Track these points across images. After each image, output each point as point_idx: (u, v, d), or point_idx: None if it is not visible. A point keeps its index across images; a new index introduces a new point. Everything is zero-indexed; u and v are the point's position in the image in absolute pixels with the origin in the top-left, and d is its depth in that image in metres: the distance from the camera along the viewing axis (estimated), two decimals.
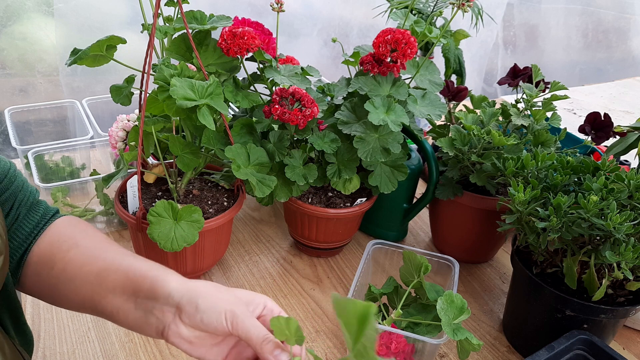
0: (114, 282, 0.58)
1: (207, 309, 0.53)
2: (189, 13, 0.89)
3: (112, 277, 0.58)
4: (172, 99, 0.75)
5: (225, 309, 0.53)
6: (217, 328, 0.53)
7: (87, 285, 0.59)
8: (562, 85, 0.92)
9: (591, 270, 0.73)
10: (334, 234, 0.99)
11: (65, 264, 0.61)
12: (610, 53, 2.62)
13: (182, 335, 0.54)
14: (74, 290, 0.60)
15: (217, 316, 0.53)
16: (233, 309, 0.53)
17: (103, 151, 1.25)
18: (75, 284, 0.60)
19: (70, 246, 0.63)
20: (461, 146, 0.92)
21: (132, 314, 0.57)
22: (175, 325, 0.54)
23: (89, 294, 0.59)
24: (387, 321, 0.79)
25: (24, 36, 1.39)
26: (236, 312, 0.53)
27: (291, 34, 1.76)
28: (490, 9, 1.92)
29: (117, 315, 0.58)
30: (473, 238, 1.02)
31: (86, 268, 0.60)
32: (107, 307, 0.58)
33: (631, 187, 0.72)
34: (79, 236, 0.65)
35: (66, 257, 0.62)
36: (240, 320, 0.52)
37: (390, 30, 0.88)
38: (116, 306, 0.57)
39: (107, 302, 0.58)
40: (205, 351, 0.56)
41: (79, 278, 0.60)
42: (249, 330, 0.52)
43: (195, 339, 0.55)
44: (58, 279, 0.61)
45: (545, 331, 0.80)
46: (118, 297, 0.57)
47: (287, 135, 0.92)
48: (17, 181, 0.64)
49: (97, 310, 0.60)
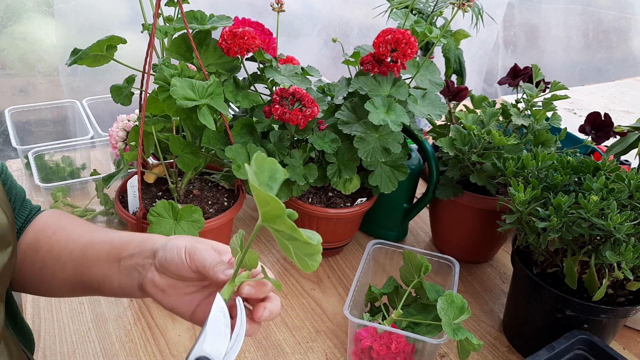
0: (98, 252, 0.59)
1: (171, 246, 0.54)
2: (189, 13, 0.89)
3: (97, 248, 0.59)
4: (172, 99, 0.75)
5: (185, 243, 0.54)
6: (177, 264, 0.53)
7: (72, 261, 0.60)
8: (562, 85, 0.92)
9: (591, 270, 0.73)
10: (334, 234, 0.99)
11: (51, 246, 0.62)
12: (610, 53, 2.61)
13: (155, 283, 0.55)
14: (60, 269, 0.61)
15: (178, 251, 0.53)
16: (194, 244, 0.54)
17: (103, 151, 1.25)
18: (61, 263, 0.61)
19: (56, 230, 0.64)
20: (461, 146, 0.92)
21: (117, 277, 0.58)
22: (151, 273, 0.55)
23: (75, 269, 0.60)
24: (387, 321, 0.79)
25: (24, 36, 1.39)
26: (195, 246, 0.53)
27: (291, 34, 1.76)
28: (491, 9, 1.92)
29: (102, 284, 0.59)
30: (473, 238, 1.02)
31: (71, 245, 0.61)
32: (93, 277, 0.59)
33: (631, 187, 0.72)
34: (65, 222, 0.66)
35: (51, 239, 0.63)
36: (198, 251, 0.53)
37: (390, 30, 0.88)
38: (101, 273, 0.58)
39: (92, 272, 0.59)
40: (176, 300, 0.56)
41: (65, 255, 0.61)
42: (205, 259, 0.52)
43: (167, 287, 0.55)
44: (44, 262, 0.62)
45: (545, 331, 0.80)
46: (102, 264, 0.58)
47: (287, 135, 0.92)
48: (10, 179, 0.66)
49: (83, 284, 0.60)
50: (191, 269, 0.53)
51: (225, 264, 0.53)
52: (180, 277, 0.55)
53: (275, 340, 0.86)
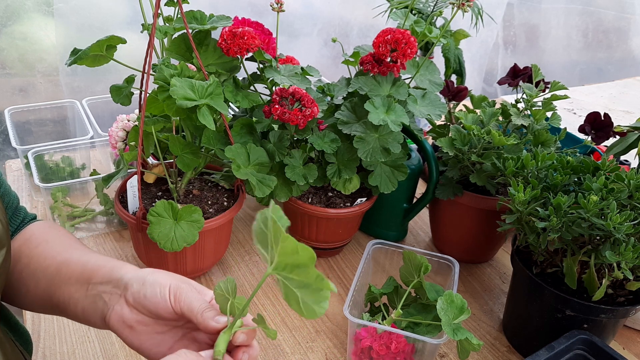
0: (70, 274, 0.58)
1: (152, 282, 0.52)
2: (189, 13, 0.89)
3: (71, 269, 0.58)
4: (172, 99, 0.75)
5: (170, 282, 0.52)
6: (159, 303, 0.51)
7: (46, 278, 0.59)
8: (562, 85, 0.92)
9: (591, 270, 0.73)
10: (334, 234, 0.99)
11: (30, 259, 0.61)
12: (610, 53, 2.61)
13: (123, 318, 0.52)
14: (34, 285, 0.60)
15: (161, 289, 0.51)
16: (178, 284, 0.52)
17: (103, 151, 1.25)
18: (35, 279, 0.60)
19: (39, 243, 0.63)
20: (461, 146, 0.92)
21: (82, 302, 0.56)
22: (119, 306, 0.53)
23: (47, 286, 0.59)
24: (387, 321, 0.79)
25: (24, 36, 1.39)
26: (181, 286, 0.51)
27: (291, 34, 1.76)
28: (490, 8, 1.92)
29: (68, 305, 0.57)
30: (473, 238, 1.02)
31: (47, 262, 0.60)
32: (61, 297, 0.58)
33: (631, 187, 0.72)
34: (50, 235, 0.65)
35: (32, 252, 0.62)
36: (184, 292, 0.51)
37: (390, 30, 0.88)
38: (68, 295, 0.57)
39: (60, 292, 0.58)
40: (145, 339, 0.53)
41: (40, 271, 0.60)
42: (192, 302, 0.50)
43: (136, 324, 0.53)
44: (20, 274, 0.61)
45: (545, 331, 0.80)
46: (72, 286, 0.57)
47: (287, 135, 0.92)
48: (4, 185, 0.65)
49: (52, 303, 0.59)
50: (174, 310, 0.51)
51: (214, 310, 0.50)
52: (155, 315, 0.52)
53: (275, 340, 0.85)
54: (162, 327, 0.54)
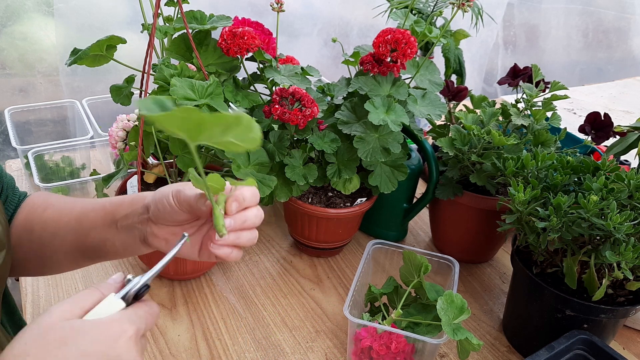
0: (93, 219, 0.60)
1: (160, 197, 0.55)
2: (189, 13, 0.89)
3: (91, 216, 0.61)
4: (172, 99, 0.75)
5: (172, 189, 0.55)
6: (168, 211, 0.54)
7: (70, 233, 0.61)
8: (562, 85, 0.92)
9: (591, 270, 0.73)
10: (334, 234, 0.99)
11: (44, 223, 0.63)
12: (610, 53, 2.62)
13: (156, 235, 0.57)
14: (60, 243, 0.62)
15: (167, 198, 0.54)
16: (178, 187, 0.55)
17: (103, 151, 1.25)
18: (58, 238, 0.62)
19: (45, 207, 0.65)
20: (461, 146, 0.92)
21: (118, 238, 0.59)
22: (149, 227, 0.57)
23: (73, 240, 0.61)
24: (387, 321, 0.79)
25: (24, 36, 1.39)
26: (179, 188, 0.54)
27: (291, 34, 1.76)
28: (490, 9, 1.92)
29: (105, 247, 0.60)
30: (473, 238, 1.02)
31: (65, 218, 0.62)
32: (94, 243, 0.60)
33: (631, 187, 0.72)
34: (52, 199, 0.67)
35: (43, 217, 0.64)
36: (182, 192, 0.54)
37: (390, 30, 0.88)
38: (101, 238, 0.60)
39: (92, 239, 0.60)
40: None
41: (61, 229, 0.62)
42: (189, 197, 0.53)
43: (169, 235, 0.57)
44: (41, 240, 0.63)
45: (545, 331, 0.80)
46: (100, 229, 0.60)
47: (287, 135, 0.92)
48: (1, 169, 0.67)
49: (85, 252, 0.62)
50: (181, 210, 0.54)
51: (205, 196, 0.53)
52: (176, 222, 0.56)
53: (275, 340, 0.86)
54: (189, 230, 0.57)
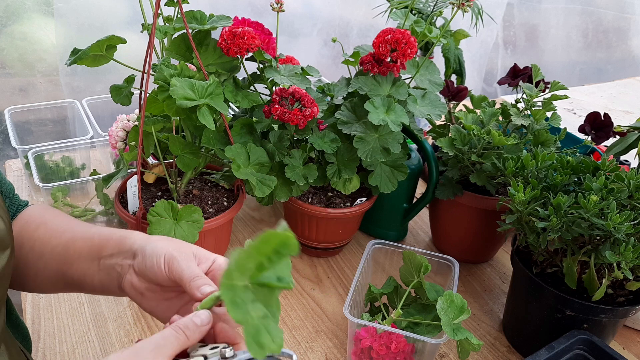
0: (80, 249, 0.59)
1: (151, 253, 0.53)
2: (189, 13, 0.89)
3: (79, 245, 0.59)
4: (172, 99, 0.75)
5: (165, 252, 0.53)
6: (156, 272, 0.52)
7: (55, 258, 0.60)
8: (562, 85, 0.92)
9: (591, 270, 0.73)
10: (334, 234, 0.99)
11: (34, 242, 0.62)
12: (610, 53, 2.61)
13: (134, 285, 0.55)
14: (43, 267, 0.61)
15: (157, 259, 0.53)
16: (173, 253, 0.53)
17: (103, 151, 1.25)
18: (44, 260, 0.61)
19: (39, 225, 0.64)
20: (461, 146, 0.92)
21: (97, 275, 0.58)
22: (130, 275, 0.55)
23: (58, 266, 0.60)
24: (387, 321, 0.79)
25: (24, 36, 1.39)
26: (174, 255, 0.52)
27: (291, 34, 1.76)
28: (490, 9, 1.92)
29: (83, 280, 0.59)
30: (473, 238, 1.02)
31: (54, 242, 0.61)
32: (75, 274, 0.59)
33: (631, 187, 0.72)
34: (48, 217, 0.66)
35: (34, 235, 0.63)
36: (176, 262, 0.52)
37: (390, 30, 0.88)
38: (82, 271, 0.58)
39: (74, 269, 0.59)
40: (155, 305, 0.55)
41: (47, 252, 0.61)
42: (183, 271, 0.51)
43: (145, 291, 0.55)
44: (27, 258, 0.62)
45: (545, 331, 0.80)
46: (83, 262, 0.58)
47: (287, 135, 0.92)
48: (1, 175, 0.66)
49: (66, 281, 0.61)
50: (169, 278, 0.52)
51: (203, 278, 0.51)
52: (158, 283, 0.54)
53: None
54: (169, 294, 0.56)
